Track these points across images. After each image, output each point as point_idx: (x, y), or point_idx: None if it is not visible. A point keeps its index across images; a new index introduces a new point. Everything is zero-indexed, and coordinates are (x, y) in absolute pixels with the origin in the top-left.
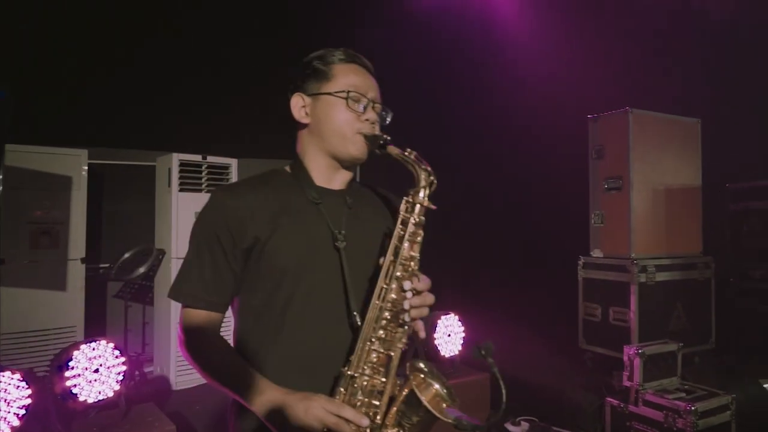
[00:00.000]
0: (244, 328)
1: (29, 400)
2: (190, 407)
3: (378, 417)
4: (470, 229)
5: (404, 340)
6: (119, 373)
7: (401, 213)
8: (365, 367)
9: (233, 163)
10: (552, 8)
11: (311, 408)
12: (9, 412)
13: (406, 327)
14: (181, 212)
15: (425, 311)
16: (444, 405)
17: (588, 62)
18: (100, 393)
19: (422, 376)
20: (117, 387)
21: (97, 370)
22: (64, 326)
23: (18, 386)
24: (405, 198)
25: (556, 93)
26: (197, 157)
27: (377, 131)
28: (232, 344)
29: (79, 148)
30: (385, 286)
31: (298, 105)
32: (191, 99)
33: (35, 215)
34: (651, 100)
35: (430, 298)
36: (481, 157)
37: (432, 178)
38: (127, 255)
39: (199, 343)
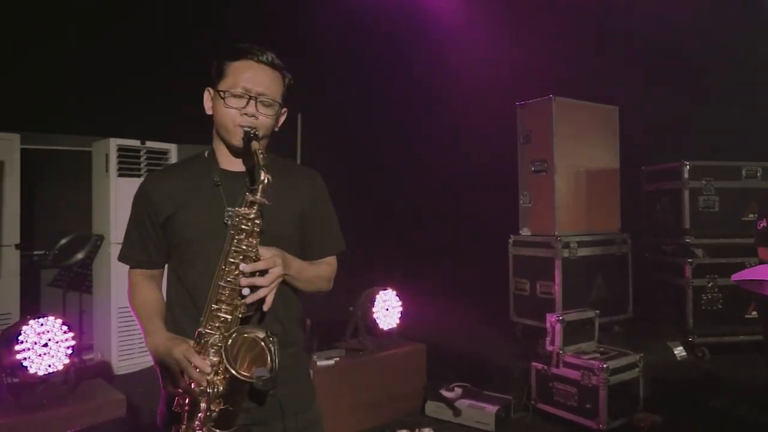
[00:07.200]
0: (168, 282)
1: None
2: (133, 390)
3: (219, 365)
4: (409, 210)
5: (242, 309)
6: (68, 348)
7: (241, 210)
8: (209, 328)
9: (172, 148)
10: (482, 2)
11: (174, 351)
12: None
13: (244, 298)
14: (120, 197)
15: (258, 289)
16: (259, 365)
17: (517, 52)
18: (50, 366)
19: (253, 337)
20: (66, 360)
21: (46, 344)
22: None
23: None
24: (247, 194)
25: (488, 81)
26: (136, 143)
27: (256, 124)
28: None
29: (11, 133)
30: (223, 267)
31: (207, 99)
32: (129, 84)
33: None
34: (575, 88)
35: (260, 280)
36: (419, 142)
37: (266, 176)
38: (63, 241)
39: (133, 288)
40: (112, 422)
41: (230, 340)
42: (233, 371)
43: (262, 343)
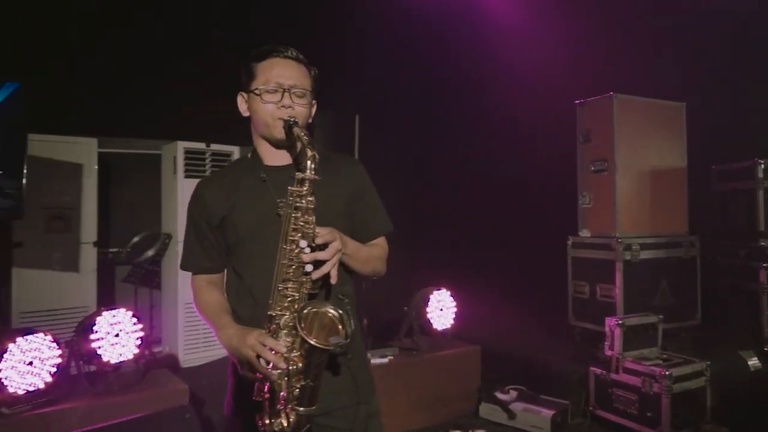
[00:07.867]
0: (228, 281)
1: (60, 360)
2: (197, 382)
3: (294, 344)
4: (464, 210)
5: (308, 286)
6: (137, 339)
7: (293, 188)
8: (278, 308)
9: (235, 150)
10: None
11: (248, 339)
12: (42, 370)
13: (309, 275)
14: (186, 198)
15: (321, 265)
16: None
17: (577, 48)
18: (121, 355)
19: (323, 311)
20: (136, 351)
21: (117, 335)
22: (78, 306)
23: (50, 347)
24: (296, 173)
25: (547, 79)
26: (201, 145)
27: (293, 114)
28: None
29: (90, 137)
30: (284, 247)
31: (241, 103)
32: (196, 89)
33: (49, 201)
34: (638, 85)
35: (322, 255)
36: (475, 141)
37: (313, 153)
38: (136, 239)
39: (197, 294)
40: (176, 409)
41: (304, 311)
42: (310, 341)
43: (331, 314)
